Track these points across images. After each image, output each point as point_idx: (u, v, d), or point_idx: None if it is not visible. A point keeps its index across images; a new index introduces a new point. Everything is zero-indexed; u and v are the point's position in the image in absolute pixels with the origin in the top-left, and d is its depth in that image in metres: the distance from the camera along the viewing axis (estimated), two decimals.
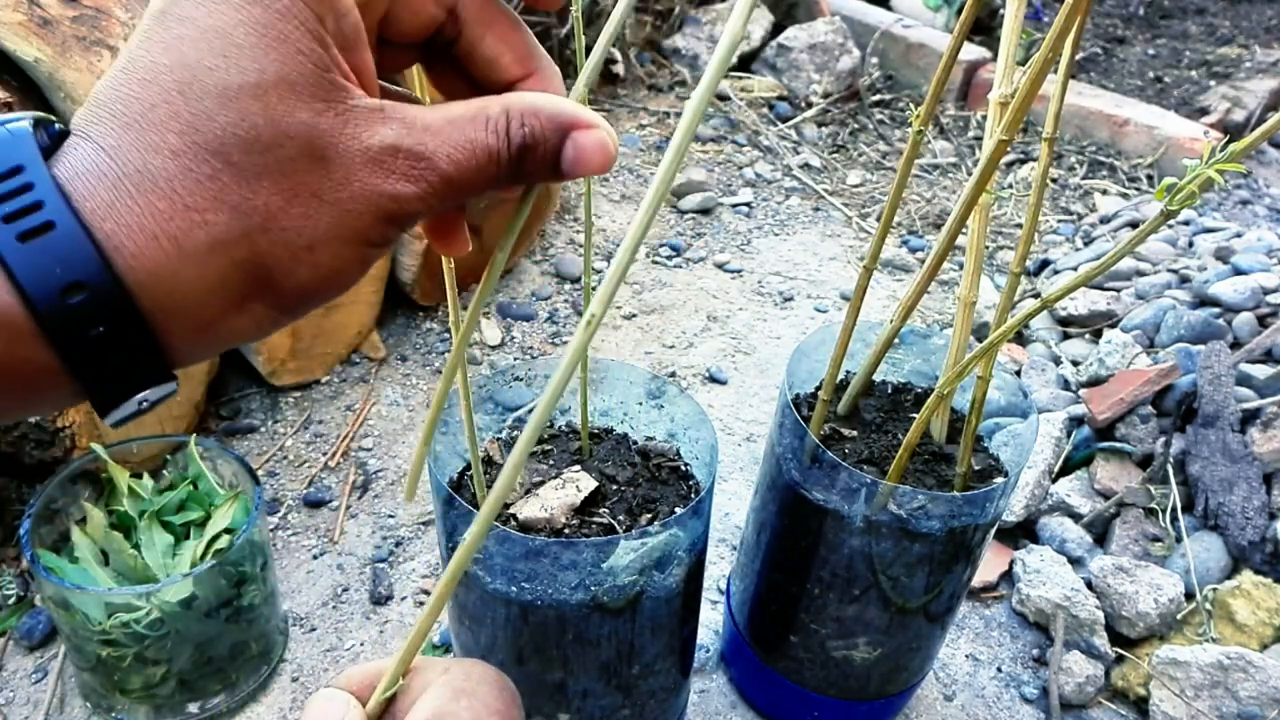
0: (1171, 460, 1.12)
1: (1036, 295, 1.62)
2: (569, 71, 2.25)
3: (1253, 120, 2.31)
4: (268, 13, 0.25)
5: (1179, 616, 1.02)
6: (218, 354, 0.25)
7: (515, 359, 1.45)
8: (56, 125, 0.26)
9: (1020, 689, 1.02)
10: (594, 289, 1.68)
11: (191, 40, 0.25)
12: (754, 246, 1.79)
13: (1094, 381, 1.25)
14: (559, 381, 0.26)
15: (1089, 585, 1.05)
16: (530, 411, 0.86)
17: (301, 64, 0.26)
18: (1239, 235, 1.55)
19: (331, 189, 0.26)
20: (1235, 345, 1.24)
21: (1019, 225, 1.91)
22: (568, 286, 1.61)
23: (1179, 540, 1.08)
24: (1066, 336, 1.46)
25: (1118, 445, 1.16)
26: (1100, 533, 1.14)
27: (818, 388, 0.80)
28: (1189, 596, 1.04)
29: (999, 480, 0.75)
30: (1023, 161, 2.13)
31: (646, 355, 1.48)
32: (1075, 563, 1.10)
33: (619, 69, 2.24)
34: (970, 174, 1.09)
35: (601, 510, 0.68)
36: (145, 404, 0.27)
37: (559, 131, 0.29)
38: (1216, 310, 1.32)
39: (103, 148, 0.25)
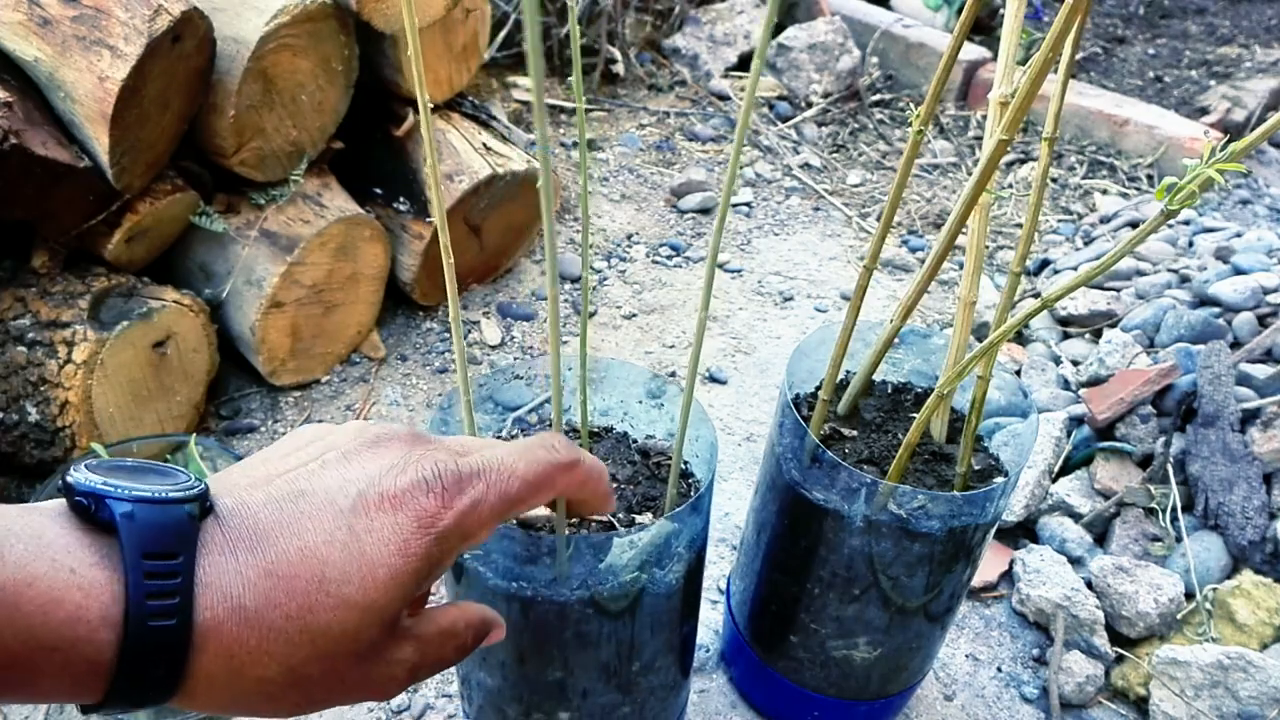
0: (1171, 460, 1.12)
1: (1036, 295, 1.62)
2: (569, 71, 2.24)
3: (1253, 120, 2.31)
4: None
5: (1179, 616, 1.02)
6: None
7: (515, 358, 1.45)
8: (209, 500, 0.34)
9: (1020, 689, 1.02)
10: (593, 288, 1.69)
11: (334, 568, 0.34)
12: (754, 246, 1.79)
13: (1094, 381, 1.25)
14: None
15: (1089, 585, 1.05)
16: (530, 411, 0.86)
17: (381, 619, 0.36)
18: (1239, 235, 1.55)
19: (344, 687, 0.36)
20: (1235, 345, 1.24)
21: (1019, 225, 1.91)
22: (568, 286, 1.61)
23: (1179, 540, 1.08)
24: (1066, 336, 1.46)
25: (1118, 445, 1.16)
26: (1100, 532, 1.14)
27: (818, 387, 0.80)
28: (1189, 596, 1.04)
29: (999, 480, 0.75)
30: (1023, 161, 2.13)
31: (646, 355, 1.48)
32: (1075, 562, 1.10)
33: (619, 69, 2.24)
34: (970, 174, 1.09)
35: None
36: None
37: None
38: (1216, 310, 1.32)
39: (246, 603, 0.32)
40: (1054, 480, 1.18)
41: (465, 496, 0.37)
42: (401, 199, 1.41)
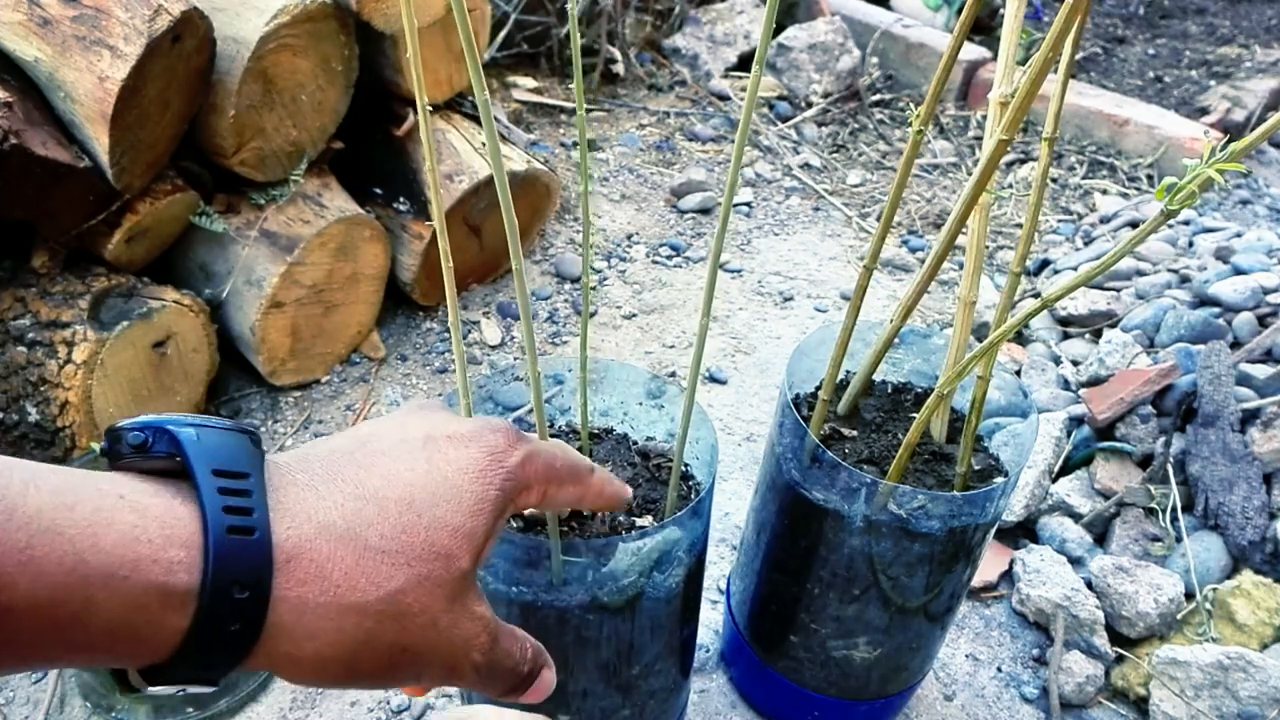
0: (1171, 460, 1.12)
1: (1036, 295, 1.62)
2: (568, 71, 2.24)
3: (1253, 120, 2.31)
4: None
5: (1179, 616, 1.02)
6: (291, 678, 0.33)
7: (515, 359, 1.45)
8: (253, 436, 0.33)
9: (1020, 689, 1.02)
10: (593, 288, 1.69)
11: (421, 490, 0.34)
12: (754, 246, 1.79)
13: (1094, 381, 1.25)
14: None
15: (1089, 585, 1.05)
16: (530, 411, 0.86)
17: (460, 559, 0.35)
18: (1239, 235, 1.54)
19: (434, 632, 0.34)
20: (1235, 345, 1.24)
21: (1019, 225, 1.91)
22: (568, 286, 1.61)
23: (1179, 540, 1.08)
24: (1066, 336, 1.46)
25: (1118, 445, 1.16)
26: (1100, 532, 1.14)
27: (818, 387, 0.80)
28: (1189, 596, 1.04)
29: (999, 480, 0.75)
30: (1023, 161, 2.13)
31: (646, 355, 1.48)
32: (1075, 562, 1.10)
33: (619, 69, 2.24)
34: (970, 174, 1.09)
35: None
36: (182, 692, 0.31)
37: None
38: (1216, 310, 1.32)
39: (335, 521, 0.31)
40: (1054, 480, 1.18)
41: (525, 443, 0.38)
42: (401, 199, 1.41)
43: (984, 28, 2.62)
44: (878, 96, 2.36)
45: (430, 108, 0.51)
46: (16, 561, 0.25)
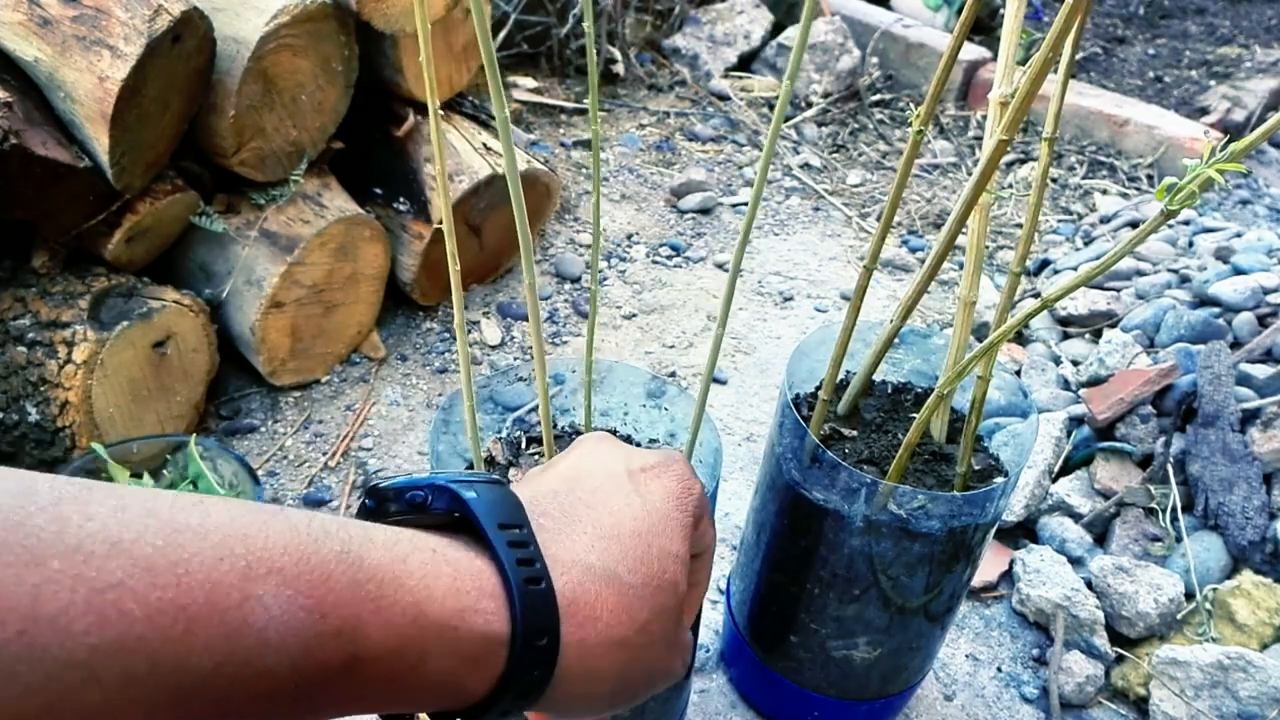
0: (1171, 460, 1.12)
1: (1036, 295, 1.62)
2: (568, 71, 2.24)
3: (1253, 120, 2.31)
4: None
5: (1179, 616, 1.02)
6: (560, 712, 0.35)
7: (515, 359, 1.45)
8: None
9: (1020, 689, 1.02)
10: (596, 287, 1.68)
11: (643, 523, 0.35)
12: (754, 246, 1.79)
13: (1094, 381, 1.25)
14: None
15: (1089, 585, 1.05)
16: (530, 411, 0.86)
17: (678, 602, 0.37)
18: (1239, 235, 1.55)
19: (671, 653, 0.37)
20: (1235, 345, 1.24)
21: (1019, 225, 1.91)
22: (568, 286, 1.61)
23: (1179, 540, 1.08)
24: (1066, 336, 1.46)
25: (1118, 445, 1.16)
26: (1100, 532, 1.14)
27: (818, 387, 0.80)
28: (1189, 596, 1.04)
29: (999, 480, 0.75)
30: (1023, 161, 2.13)
31: (646, 355, 1.48)
32: (1075, 562, 1.10)
33: (619, 69, 2.24)
34: (970, 174, 1.09)
35: None
36: None
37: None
38: (1216, 310, 1.32)
39: (593, 563, 0.33)
40: (1054, 480, 1.18)
41: (698, 476, 0.40)
42: (401, 199, 1.41)
43: (984, 28, 2.62)
44: (878, 96, 2.36)
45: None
46: (369, 611, 0.27)
